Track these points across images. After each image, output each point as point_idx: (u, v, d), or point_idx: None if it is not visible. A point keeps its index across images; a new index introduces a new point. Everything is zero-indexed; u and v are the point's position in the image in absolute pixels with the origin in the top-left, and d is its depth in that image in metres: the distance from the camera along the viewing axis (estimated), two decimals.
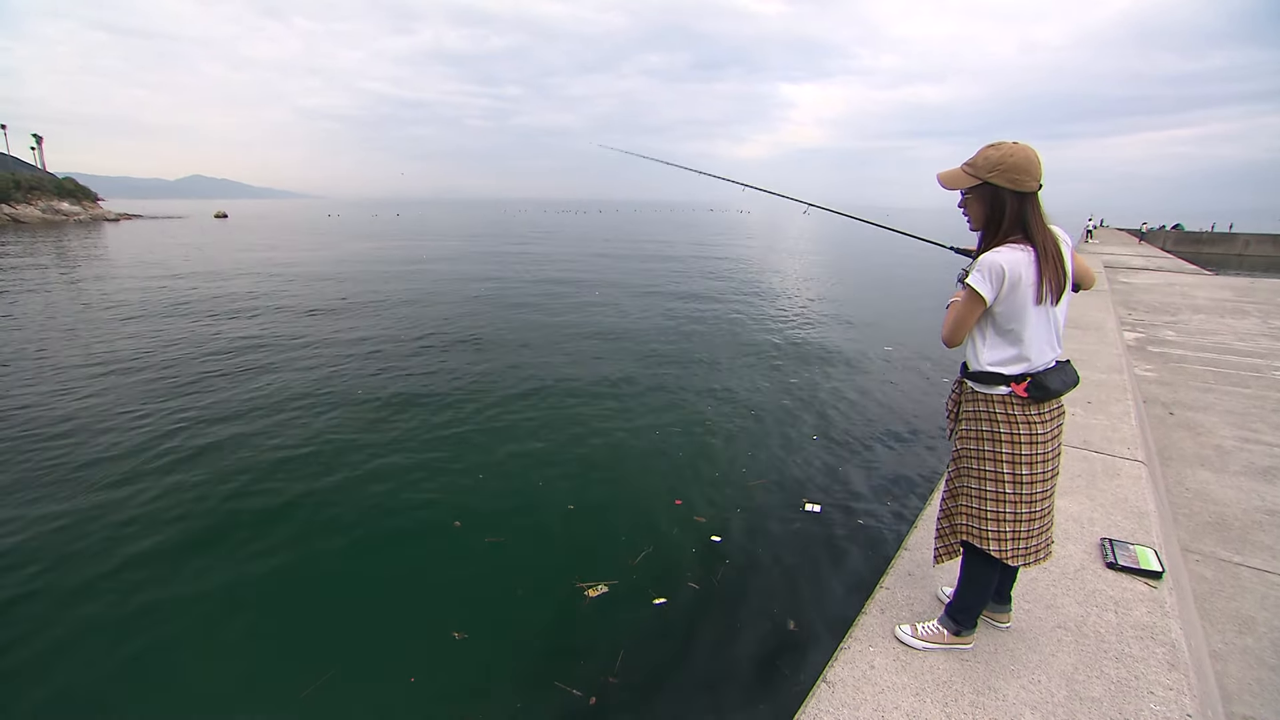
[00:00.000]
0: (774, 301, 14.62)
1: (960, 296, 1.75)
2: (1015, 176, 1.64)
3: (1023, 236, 1.67)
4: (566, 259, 24.27)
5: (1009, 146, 1.66)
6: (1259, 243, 35.15)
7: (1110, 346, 5.93)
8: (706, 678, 3.13)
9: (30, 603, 3.63)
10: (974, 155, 1.72)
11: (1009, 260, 1.64)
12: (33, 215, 48.55)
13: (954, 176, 1.76)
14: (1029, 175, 1.64)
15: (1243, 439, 4.33)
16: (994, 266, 1.65)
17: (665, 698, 3.02)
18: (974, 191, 1.73)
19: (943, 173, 1.80)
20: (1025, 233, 1.67)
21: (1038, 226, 1.67)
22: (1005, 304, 1.68)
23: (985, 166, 1.67)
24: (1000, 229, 1.70)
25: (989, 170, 1.66)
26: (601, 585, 3.77)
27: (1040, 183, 1.66)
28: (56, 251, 25.46)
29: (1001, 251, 1.66)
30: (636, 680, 3.11)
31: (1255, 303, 10.40)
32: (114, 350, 9.14)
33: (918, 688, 1.81)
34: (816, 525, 4.51)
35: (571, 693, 3.02)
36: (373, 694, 3.03)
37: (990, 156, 1.67)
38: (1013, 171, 1.63)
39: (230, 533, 4.36)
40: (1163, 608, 2.13)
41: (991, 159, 1.66)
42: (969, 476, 1.87)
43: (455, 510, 4.62)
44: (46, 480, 5.03)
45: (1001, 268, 1.64)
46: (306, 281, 16.92)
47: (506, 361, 8.77)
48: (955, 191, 1.79)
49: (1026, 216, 1.66)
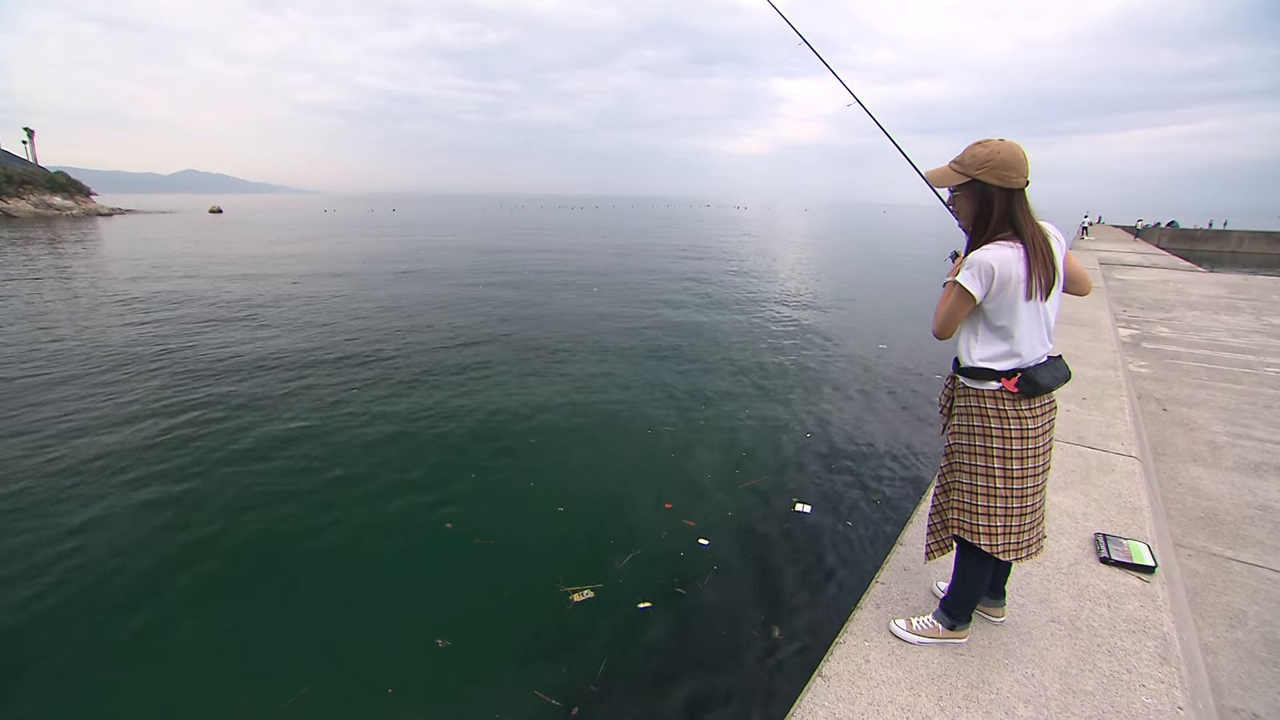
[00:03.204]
0: (767, 299, 14.63)
1: (950, 288, 1.76)
2: (1003, 173, 1.64)
3: (1012, 233, 1.68)
4: (570, 253, 24.23)
5: (995, 144, 1.67)
6: (1253, 240, 35.34)
7: (1105, 343, 5.96)
8: (690, 687, 3.11)
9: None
10: (961, 153, 1.73)
11: (998, 258, 1.65)
12: (24, 209, 48.16)
13: (942, 175, 1.77)
14: (1016, 171, 1.65)
15: (1235, 435, 4.36)
16: (984, 265, 1.65)
17: (647, 709, 2.99)
18: (962, 189, 1.74)
19: (931, 171, 1.82)
20: (1014, 229, 1.68)
21: (1026, 222, 1.68)
22: (995, 300, 1.68)
23: (973, 164, 1.68)
24: (989, 225, 1.70)
25: (977, 167, 1.67)
26: (587, 589, 3.75)
27: (1027, 179, 1.67)
28: (48, 242, 25.28)
29: (991, 249, 1.66)
30: (619, 689, 3.08)
31: (1249, 299, 10.45)
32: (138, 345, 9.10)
33: (912, 682, 1.82)
34: (806, 526, 4.50)
35: (552, 703, 2.99)
36: (350, 708, 2.97)
37: (977, 154, 1.68)
38: (1000, 168, 1.64)
39: (211, 533, 4.33)
40: (1155, 602, 2.15)
41: (979, 156, 1.67)
42: (960, 471, 1.88)
43: (446, 512, 4.60)
44: None
45: (991, 266, 1.64)
46: (295, 278, 16.86)
47: (501, 361, 8.76)
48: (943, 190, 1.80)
49: (1015, 212, 1.68)
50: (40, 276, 16.21)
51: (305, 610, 3.66)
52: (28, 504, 4.60)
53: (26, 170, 55.07)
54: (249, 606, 3.68)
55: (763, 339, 10.24)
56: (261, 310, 12.04)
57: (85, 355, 8.54)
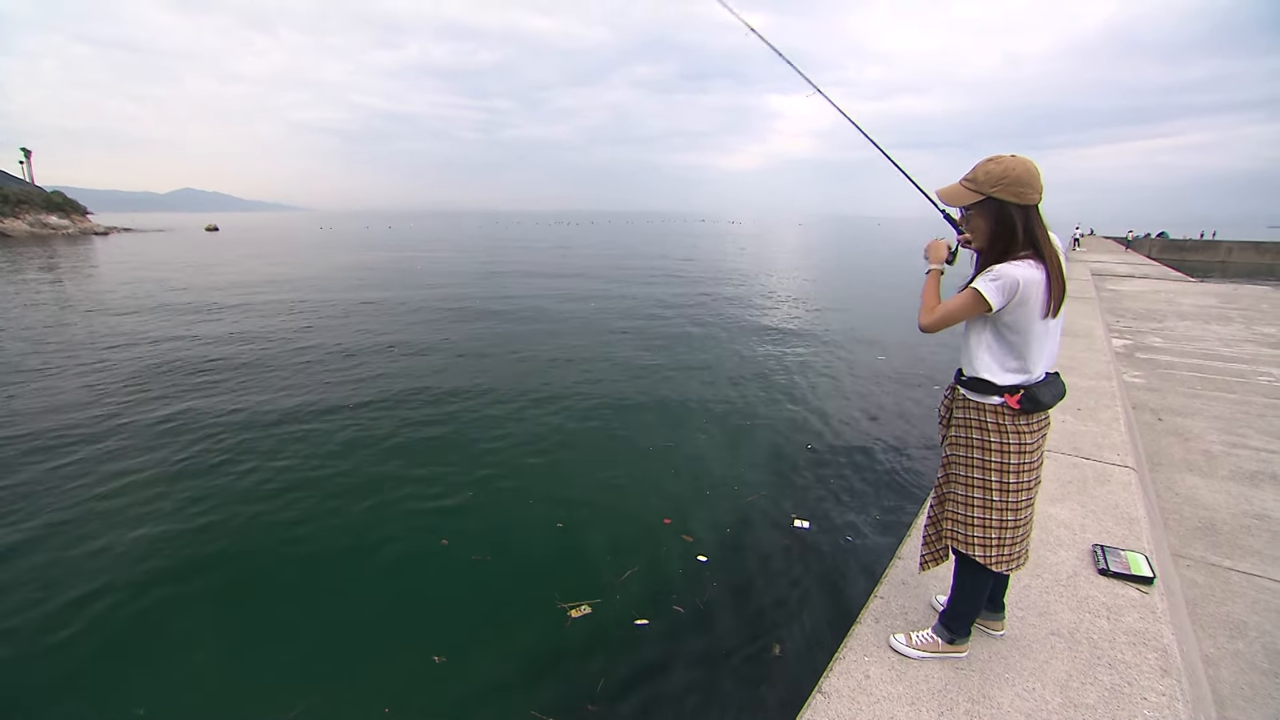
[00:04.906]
0: (764, 312, 14.69)
1: (966, 293, 1.73)
2: (1019, 189, 1.63)
3: (1033, 252, 1.66)
4: (559, 267, 24.32)
5: (1009, 160, 1.65)
6: (1241, 250, 35.77)
7: (1099, 353, 5.99)
8: (688, 704, 3.07)
9: None
10: (973, 170, 1.71)
11: (1026, 276, 1.62)
12: (20, 229, 48.14)
13: (955, 193, 1.75)
14: (1031, 188, 1.63)
15: (1230, 444, 4.38)
16: (1010, 279, 1.63)
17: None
18: (977, 207, 1.72)
19: (942, 189, 1.79)
20: (1035, 247, 1.66)
21: (1045, 241, 1.66)
22: (1011, 315, 1.67)
23: (988, 181, 1.66)
24: (1011, 245, 1.67)
25: (992, 185, 1.65)
26: (585, 606, 3.72)
27: (1041, 194, 1.66)
28: (45, 261, 25.24)
29: (1020, 266, 1.64)
30: (617, 707, 3.04)
31: (1239, 309, 10.55)
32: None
33: (913, 697, 1.81)
34: (805, 541, 4.47)
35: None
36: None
37: (992, 171, 1.66)
38: (1016, 185, 1.63)
39: (201, 552, 4.28)
40: (1154, 613, 2.14)
41: (994, 174, 1.65)
42: (956, 482, 1.88)
43: (443, 528, 4.57)
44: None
45: (1017, 282, 1.62)
46: (288, 289, 16.86)
47: (498, 376, 8.75)
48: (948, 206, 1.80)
49: (1034, 231, 1.66)
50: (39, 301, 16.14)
51: (299, 627, 3.61)
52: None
53: (23, 190, 55.12)
54: (241, 624, 3.63)
55: (761, 351, 10.26)
56: (252, 332, 12.02)
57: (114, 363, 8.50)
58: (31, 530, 4.47)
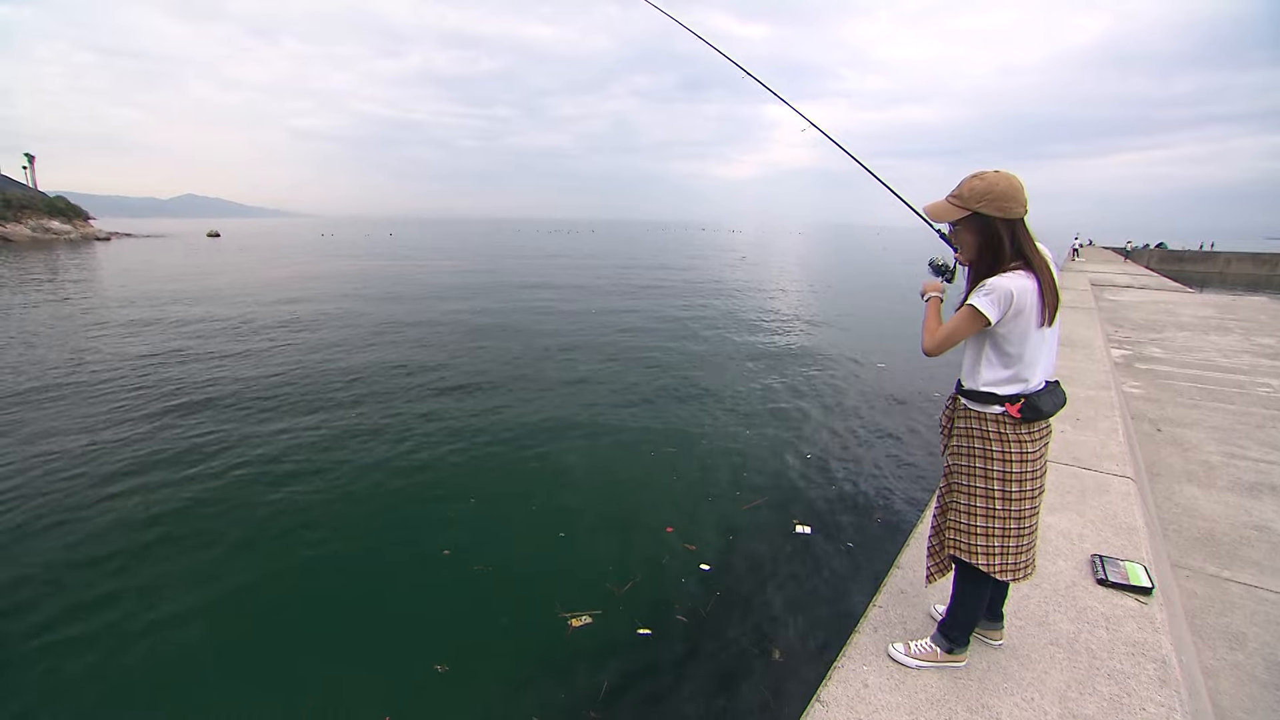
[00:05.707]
0: (766, 320, 14.73)
1: (963, 311, 1.75)
2: (1003, 204, 1.66)
3: (1023, 263, 1.69)
4: (559, 277, 24.37)
5: (992, 176, 1.68)
6: (1239, 261, 35.86)
7: (1098, 363, 6.00)
8: (689, 712, 3.07)
9: None
10: (958, 186, 1.74)
11: (1018, 286, 1.65)
12: (22, 234, 48.26)
13: (941, 209, 1.78)
14: (1015, 202, 1.66)
15: (1229, 455, 4.38)
16: (1004, 291, 1.65)
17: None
18: (963, 222, 1.75)
19: (929, 205, 1.83)
20: (1024, 259, 1.69)
21: (1033, 252, 1.69)
22: (1008, 327, 1.69)
23: (973, 197, 1.69)
24: (999, 258, 1.70)
25: (977, 200, 1.68)
26: (586, 615, 3.72)
27: (1026, 208, 1.68)
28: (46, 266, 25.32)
29: (1011, 278, 1.67)
30: (619, 717, 3.04)
31: (1237, 320, 10.58)
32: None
33: (911, 706, 1.80)
34: (807, 548, 4.48)
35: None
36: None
37: (976, 187, 1.68)
38: (1000, 199, 1.66)
39: (205, 559, 4.29)
40: (1153, 624, 2.14)
41: (978, 189, 1.68)
42: (959, 492, 1.89)
43: (445, 537, 4.56)
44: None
45: (1010, 292, 1.65)
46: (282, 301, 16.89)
47: (500, 388, 8.76)
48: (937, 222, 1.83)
49: (1022, 244, 1.69)
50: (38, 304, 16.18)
51: (301, 636, 3.61)
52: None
53: (25, 195, 55.31)
54: (243, 633, 3.62)
55: (762, 360, 10.27)
56: (253, 339, 12.04)
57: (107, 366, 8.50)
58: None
